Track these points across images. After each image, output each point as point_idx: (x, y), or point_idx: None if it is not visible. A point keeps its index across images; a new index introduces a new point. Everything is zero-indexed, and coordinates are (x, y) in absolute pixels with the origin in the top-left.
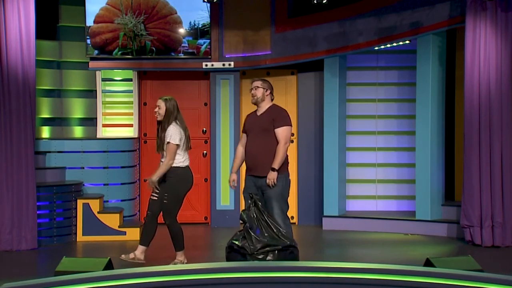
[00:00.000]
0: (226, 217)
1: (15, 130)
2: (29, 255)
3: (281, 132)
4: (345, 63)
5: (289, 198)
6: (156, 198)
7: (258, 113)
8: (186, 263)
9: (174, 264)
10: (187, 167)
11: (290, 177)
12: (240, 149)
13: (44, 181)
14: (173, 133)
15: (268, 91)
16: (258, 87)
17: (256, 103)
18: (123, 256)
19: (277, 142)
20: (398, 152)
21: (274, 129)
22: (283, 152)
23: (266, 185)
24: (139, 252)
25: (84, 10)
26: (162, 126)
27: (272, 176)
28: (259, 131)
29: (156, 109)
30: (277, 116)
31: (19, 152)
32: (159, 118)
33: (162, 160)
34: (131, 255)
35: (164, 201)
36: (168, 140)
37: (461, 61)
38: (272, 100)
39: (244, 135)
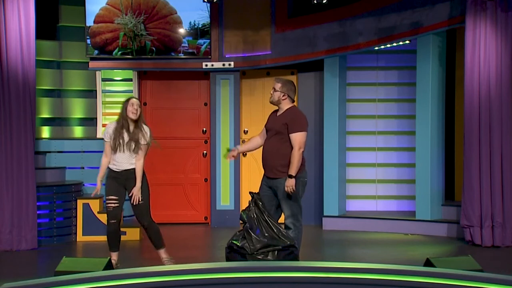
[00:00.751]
0: (226, 217)
1: (15, 130)
2: (29, 255)
3: (295, 138)
4: (345, 63)
5: None
6: (118, 205)
7: (277, 114)
8: (173, 259)
9: (167, 261)
10: None
11: (306, 178)
12: (255, 138)
13: (44, 181)
14: (150, 135)
15: (285, 96)
16: (276, 90)
17: (273, 104)
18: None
19: (291, 146)
20: (398, 152)
21: (288, 134)
22: (298, 158)
23: (277, 186)
24: (116, 257)
25: (84, 10)
26: (136, 125)
27: (290, 183)
28: (274, 132)
29: (137, 108)
30: (292, 121)
31: (19, 152)
32: (135, 118)
33: (114, 158)
34: (113, 262)
35: (140, 202)
36: (148, 141)
37: (461, 61)
38: (292, 101)
39: (264, 130)
